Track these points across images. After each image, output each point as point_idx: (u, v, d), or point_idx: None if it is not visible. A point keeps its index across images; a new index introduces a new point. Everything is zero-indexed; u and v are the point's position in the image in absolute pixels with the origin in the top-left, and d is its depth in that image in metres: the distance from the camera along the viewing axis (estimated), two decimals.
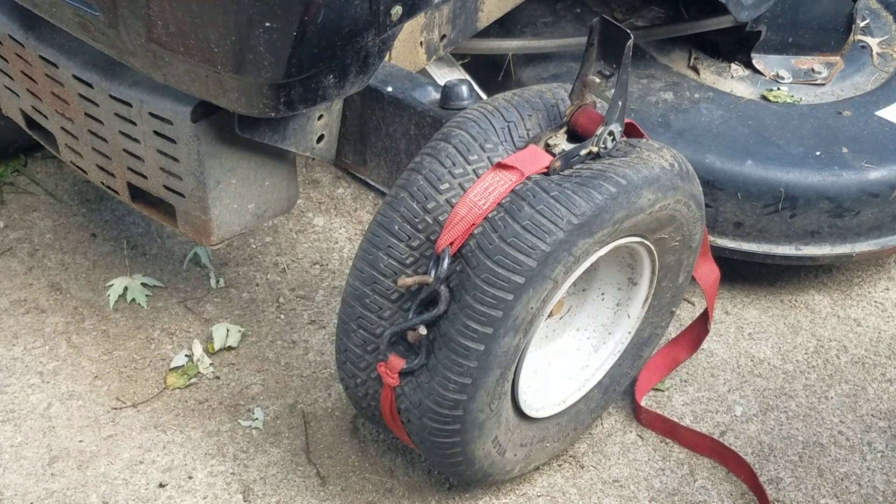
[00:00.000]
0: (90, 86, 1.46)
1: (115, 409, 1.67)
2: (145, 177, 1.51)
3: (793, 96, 2.02)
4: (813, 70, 2.07)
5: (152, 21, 1.24)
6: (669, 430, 1.69)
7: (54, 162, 2.10)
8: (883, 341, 1.89)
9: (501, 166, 1.30)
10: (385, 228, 1.33)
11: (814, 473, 1.65)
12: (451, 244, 1.28)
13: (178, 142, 1.42)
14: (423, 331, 1.31)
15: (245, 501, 1.56)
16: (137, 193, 1.57)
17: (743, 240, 1.87)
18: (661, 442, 1.69)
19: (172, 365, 1.74)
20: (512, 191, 1.29)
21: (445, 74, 1.97)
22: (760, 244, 1.87)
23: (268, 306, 1.86)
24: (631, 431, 1.70)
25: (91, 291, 1.86)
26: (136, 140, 1.47)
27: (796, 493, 1.62)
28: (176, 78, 1.31)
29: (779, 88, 2.03)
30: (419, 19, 1.71)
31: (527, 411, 1.50)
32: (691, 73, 2.05)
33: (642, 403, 1.71)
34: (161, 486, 1.56)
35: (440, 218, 1.31)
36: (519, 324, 1.31)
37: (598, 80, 1.33)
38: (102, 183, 1.60)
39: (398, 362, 1.34)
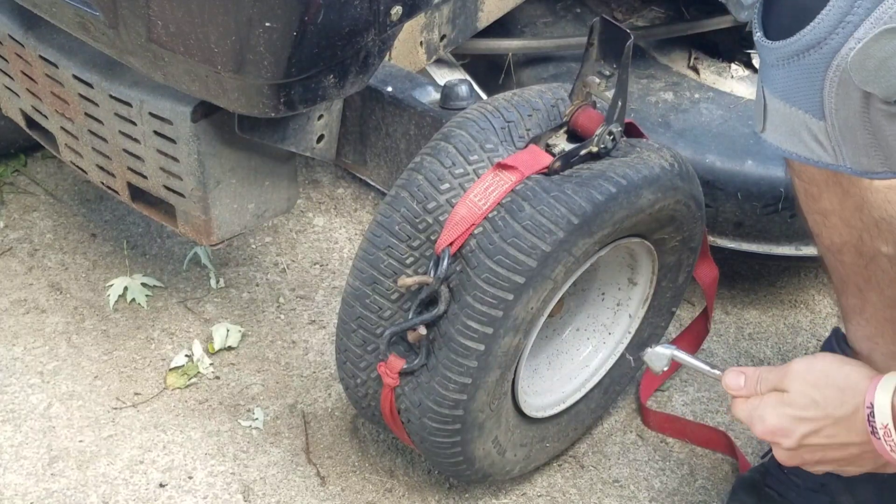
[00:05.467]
0: (90, 86, 1.46)
1: (115, 409, 1.67)
2: (145, 177, 1.51)
3: None
4: None
5: (152, 21, 1.24)
6: (680, 429, 1.68)
7: (54, 162, 2.10)
8: None
9: (502, 166, 1.30)
10: (385, 228, 1.33)
11: None
12: (451, 244, 1.28)
13: (178, 142, 1.42)
14: (423, 331, 1.31)
15: (245, 501, 1.56)
16: (137, 193, 1.57)
17: (743, 240, 1.86)
18: (661, 442, 1.69)
19: (172, 365, 1.74)
20: (512, 191, 1.29)
21: (445, 74, 1.97)
22: (760, 244, 1.86)
23: (268, 306, 1.86)
24: (631, 431, 1.70)
25: (91, 291, 1.86)
26: (136, 140, 1.47)
27: None
28: (176, 78, 1.31)
29: None
30: (419, 19, 1.71)
31: (527, 411, 1.50)
32: (691, 73, 2.05)
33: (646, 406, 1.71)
34: (161, 486, 1.56)
35: (440, 218, 1.31)
36: (519, 324, 1.31)
37: (598, 80, 1.33)
38: (102, 183, 1.60)
39: (398, 362, 1.34)
